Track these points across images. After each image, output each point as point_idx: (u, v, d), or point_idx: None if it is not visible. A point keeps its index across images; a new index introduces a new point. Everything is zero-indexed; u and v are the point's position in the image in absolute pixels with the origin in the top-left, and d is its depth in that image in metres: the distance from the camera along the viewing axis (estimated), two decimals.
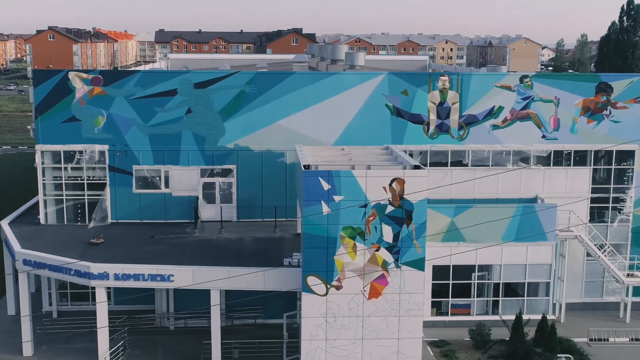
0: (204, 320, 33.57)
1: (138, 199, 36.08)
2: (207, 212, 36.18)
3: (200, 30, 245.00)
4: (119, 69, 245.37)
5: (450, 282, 34.95)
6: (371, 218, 27.91)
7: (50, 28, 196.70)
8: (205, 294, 31.97)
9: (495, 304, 35.49)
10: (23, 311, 31.71)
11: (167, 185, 36.10)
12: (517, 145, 36.66)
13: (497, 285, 35.28)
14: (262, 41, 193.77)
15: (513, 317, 32.71)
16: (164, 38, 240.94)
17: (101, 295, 29.70)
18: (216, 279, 29.13)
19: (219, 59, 73.68)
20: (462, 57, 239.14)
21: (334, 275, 28.17)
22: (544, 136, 36.69)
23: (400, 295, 28.47)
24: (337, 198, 27.64)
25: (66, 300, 36.64)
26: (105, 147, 35.41)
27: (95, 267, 29.41)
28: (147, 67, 75.05)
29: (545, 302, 35.52)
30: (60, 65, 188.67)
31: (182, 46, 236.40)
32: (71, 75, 34.91)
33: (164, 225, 35.88)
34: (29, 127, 37.05)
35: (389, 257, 28.22)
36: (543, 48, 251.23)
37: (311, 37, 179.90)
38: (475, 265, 34.86)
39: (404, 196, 27.87)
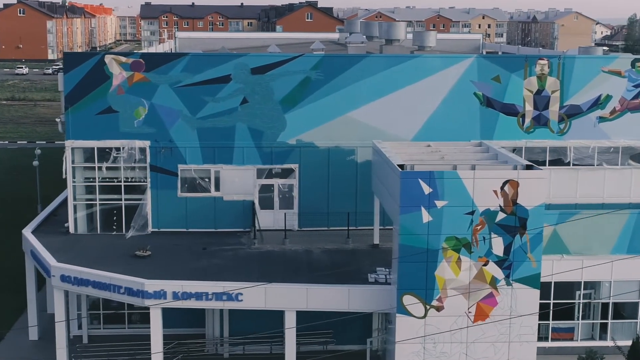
0: (264, 346, 33.75)
1: (184, 204, 36.26)
2: (264, 219, 36.33)
3: (193, 3, 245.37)
4: (98, 49, 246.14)
5: (552, 301, 35.01)
6: (479, 227, 28.02)
7: (19, 1, 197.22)
8: (266, 315, 32.23)
9: (604, 327, 35.55)
10: (59, 338, 31.90)
11: (217, 188, 36.31)
12: (628, 140, 36.77)
13: (605, 305, 35.34)
14: (268, 16, 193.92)
15: (628, 343, 32.76)
16: (150, 13, 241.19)
17: (156, 317, 29.90)
18: (293, 298, 29.27)
19: (238, 38, 73.93)
20: (502, 35, 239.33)
21: (434, 294, 28.28)
22: None
23: (511, 318, 28.57)
24: (439, 203, 27.75)
25: (98, 323, 36.82)
26: (147, 144, 35.62)
27: (151, 285, 29.60)
28: (152, 48, 75.01)
29: None
30: (32, 45, 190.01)
31: (172, 22, 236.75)
32: (108, 58, 35.11)
33: (214, 234, 36.09)
34: (57, 119, 37.16)
35: (498, 273, 28.31)
36: (596, 24, 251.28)
37: (328, 12, 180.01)
38: (580, 282, 34.91)
39: (518, 201, 27.97)
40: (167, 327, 34.83)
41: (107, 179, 36.14)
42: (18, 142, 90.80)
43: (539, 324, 35.10)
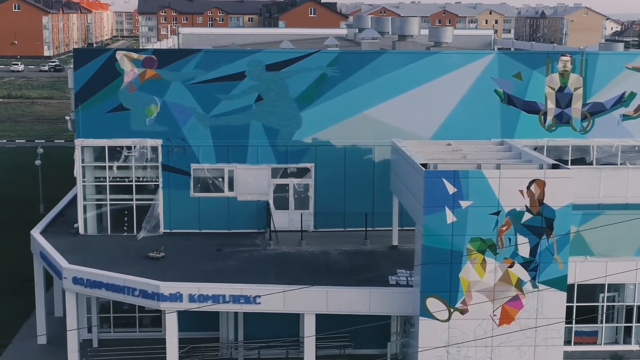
0: (280, 350, 33.80)
1: (196, 204, 36.29)
2: (279, 219, 36.33)
3: None
4: (94, 46, 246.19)
5: (575, 304, 35.01)
6: (504, 228, 28.05)
7: None
8: (282, 318, 32.30)
9: (628, 330, 35.56)
10: (71, 342, 31.96)
11: (231, 187, 36.33)
12: None
13: (630, 308, 35.34)
14: (270, 11, 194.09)
15: None
16: (148, 8, 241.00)
17: (172, 321, 29.94)
18: (312, 301, 29.30)
19: (243, 34, 74.06)
20: (510, 31, 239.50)
21: (458, 297, 28.32)
22: None
23: (537, 321, 28.61)
24: (464, 204, 27.77)
25: (108, 327, 36.83)
26: (159, 142, 35.64)
27: (166, 287, 29.63)
28: (156, 44, 75.03)
29: None
30: (28, 41, 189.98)
31: (170, 18, 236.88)
32: (119, 55, 35.12)
33: (228, 235, 36.12)
34: (67, 117, 37.20)
35: (524, 275, 28.34)
36: (606, 19, 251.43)
37: (332, 7, 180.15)
38: (604, 284, 34.91)
39: (544, 201, 28.00)
40: (180, 330, 34.84)
41: (118, 179, 36.16)
42: (16, 140, 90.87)
43: None
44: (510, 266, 28.28)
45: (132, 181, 36.05)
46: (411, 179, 29.71)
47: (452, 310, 28.39)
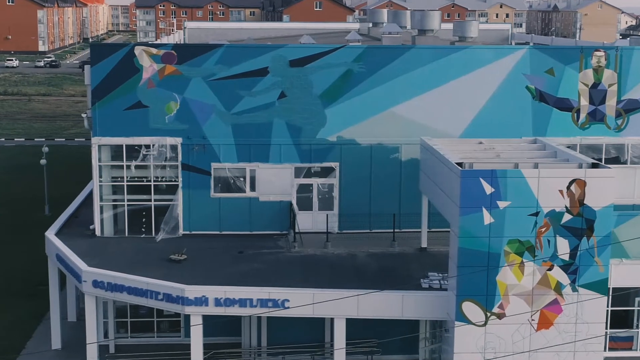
0: (304, 356, 33.85)
1: (217, 205, 36.33)
2: (302, 221, 36.35)
3: None
4: (90, 40, 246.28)
5: (609, 308, 35.03)
6: (543, 229, 28.06)
7: None
8: (307, 323, 32.38)
9: None
10: (90, 347, 32.03)
11: (253, 187, 36.37)
12: None
13: None
14: (273, 5, 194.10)
15: None
16: (146, 1, 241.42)
17: (197, 326, 29.97)
18: (343, 306, 29.32)
19: (252, 28, 74.02)
20: (521, 25, 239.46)
21: (495, 301, 28.32)
22: None
23: (576, 326, 28.63)
24: (501, 204, 27.77)
25: (125, 332, 36.87)
26: (178, 141, 35.68)
27: (191, 291, 29.66)
28: (165, 39, 75.13)
29: None
30: (22, 36, 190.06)
31: (169, 11, 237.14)
32: (138, 50, 35.16)
33: (249, 237, 36.16)
34: (83, 115, 37.23)
35: (563, 278, 28.35)
36: (621, 13, 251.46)
37: (338, 0, 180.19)
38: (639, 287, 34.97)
39: (585, 202, 28.02)
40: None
41: (136, 179, 36.20)
42: (15, 139, 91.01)
43: None
44: (549, 269, 28.29)
45: (150, 181, 36.09)
46: (445, 178, 29.72)
47: (488, 314, 28.41)
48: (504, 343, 28.62)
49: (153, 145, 35.61)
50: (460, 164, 28.41)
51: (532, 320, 28.59)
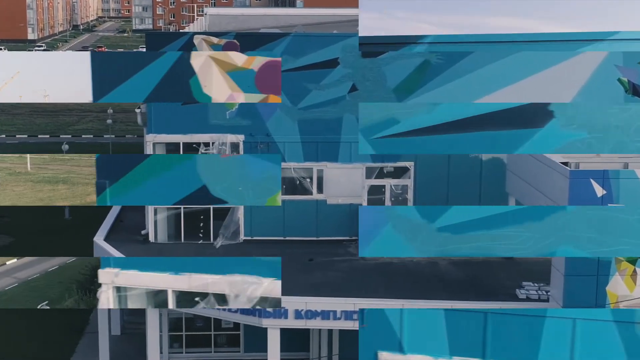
0: None
1: (281, 208, 36.22)
2: None
3: None
4: (80, 27, 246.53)
5: None
6: None
7: None
8: None
9: None
10: None
11: (320, 189, 36.48)
12: None
13: None
14: None
15: None
16: None
17: (274, 340, 30.07)
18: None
19: (278, 14, 73.89)
20: None
21: None
22: None
23: None
24: None
25: (179, 346, 36.98)
26: (240, 138, 35.82)
27: None
28: (188, 27, 75.08)
29: None
30: (10, 23, 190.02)
31: None
32: (197, 40, 35.20)
33: (316, 243, 36.26)
34: (137, 110, 37.37)
35: None
36: None
37: None
38: None
39: None
40: (262, 350, 35.14)
41: None
42: (17, 135, 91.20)
43: None
44: None
45: None
46: (546, 179, 29.77)
47: None
48: None
49: (212, 143, 35.71)
50: (565, 164, 28.45)
51: None
